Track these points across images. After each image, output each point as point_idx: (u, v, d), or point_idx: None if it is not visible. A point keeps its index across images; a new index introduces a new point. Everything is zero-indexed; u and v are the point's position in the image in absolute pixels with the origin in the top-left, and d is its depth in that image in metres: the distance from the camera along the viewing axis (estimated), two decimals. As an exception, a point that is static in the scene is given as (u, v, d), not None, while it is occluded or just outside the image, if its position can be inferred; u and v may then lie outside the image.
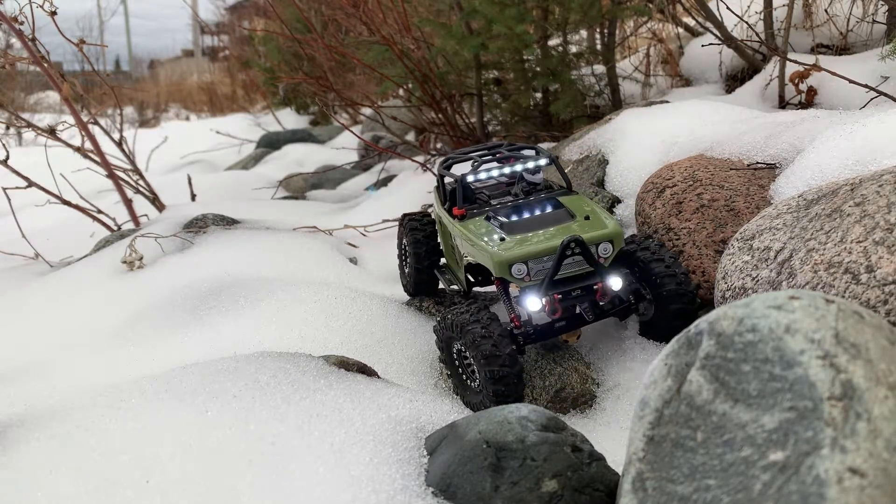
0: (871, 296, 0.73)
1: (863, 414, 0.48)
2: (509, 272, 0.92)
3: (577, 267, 0.94)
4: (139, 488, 0.67)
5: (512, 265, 0.92)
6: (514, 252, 0.92)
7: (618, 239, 0.96)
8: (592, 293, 0.94)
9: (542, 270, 0.93)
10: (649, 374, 0.63)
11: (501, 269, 0.92)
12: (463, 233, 1.01)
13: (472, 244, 0.99)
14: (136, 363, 1.14)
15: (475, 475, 0.65)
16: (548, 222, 0.99)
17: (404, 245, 1.31)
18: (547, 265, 0.92)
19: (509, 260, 0.92)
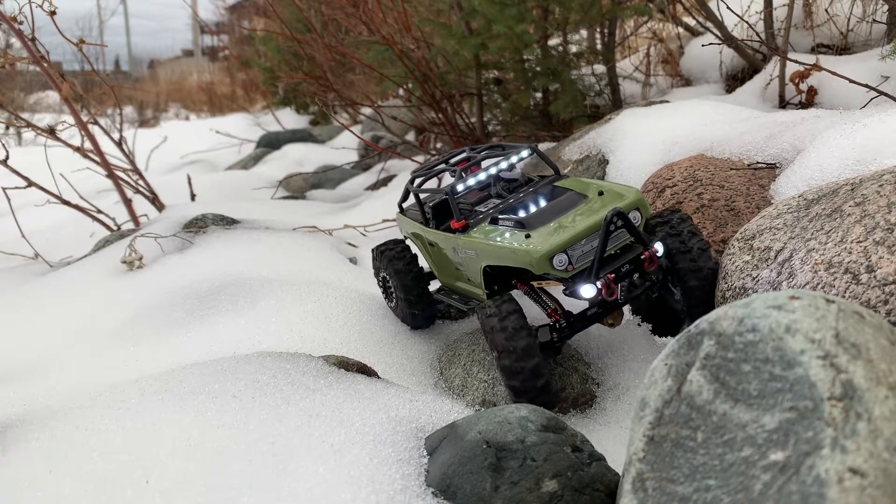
0: (872, 296, 0.73)
1: (863, 414, 0.48)
2: (551, 265, 0.85)
3: (612, 244, 0.89)
4: (139, 488, 0.67)
5: (553, 257, 0.85)
6: (551, 242, 0.85)
7: (643, 205, 0.91)
8: (640, 263, 0.89)
9: (582, 256, 0.87)
10: (649, 374, 0.63)
11: (542, 265, 0.85)
12: (475, 242, 0.94)
13: (492, 248, 0.92)
14: (135, 363, 1.14)
15: (475, 475, 0.65)
16: (564, 207, 0.93)
17: (385, 278, 1.22)
18: (586, 250, 0.87)
19: (549, 252, 0.85)
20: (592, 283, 0.85)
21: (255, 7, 7.48)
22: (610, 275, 0.86)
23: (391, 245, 1.20)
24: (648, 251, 0.88)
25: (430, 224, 1.08)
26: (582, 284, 0.85)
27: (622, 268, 0.87)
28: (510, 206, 0.99)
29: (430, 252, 1.12)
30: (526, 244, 0.87)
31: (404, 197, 1.19)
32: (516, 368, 0.85)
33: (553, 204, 0.95)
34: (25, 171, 1.97)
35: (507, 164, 1.04)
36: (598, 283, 0.85)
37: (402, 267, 1.16)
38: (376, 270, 1.24)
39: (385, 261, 1.19)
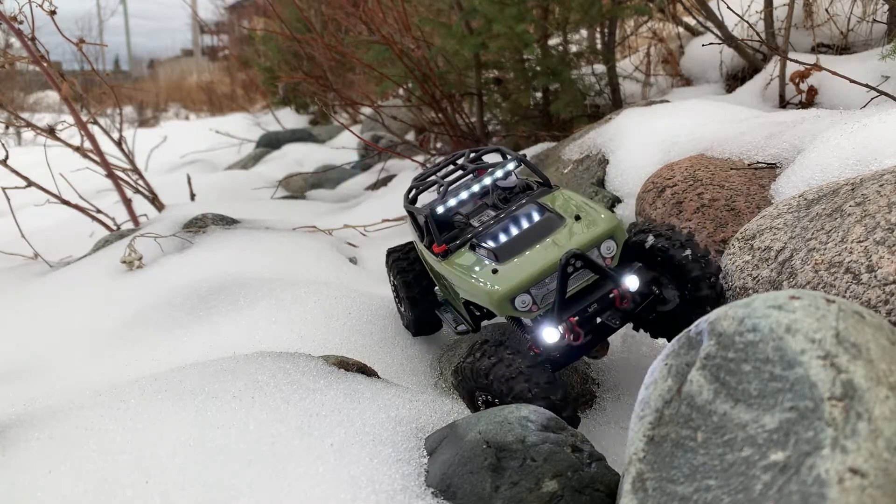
0: (872, 296, 0.73)
1: (863, 414, 0.48)
2: (513, 307, 0.80)
3: (585, 278, 0.83)
4: (138, 488, 0.67)
5: (514, 299, 0.80)
6: (511, 283, 0.80)
7: (619, 232, 0.85)
8: (610, 302, 0.83)
9: (548, 294, 0.82)
10: (650, 375, 0.63)
11: (503, 308, 0.81)
12: (451, 272, 0.89)
13: (465, 283, 0.87)
14: (135, 363, 1.14)
15: (475, 475, 0.65)
16: (538, 234, 0.87)
17: (393, 283, 1.19)
18: (552, 286, 0.81)
19: (508, 294, 0.80)
20: (554, 327, 0.80)
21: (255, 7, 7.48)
22: (573, 318, 0.81)
23: (402, 251, 1.17)
24: (618, 289, 0.82)
25: (423, 240, 1.02)
26: (543, 327, 0.80)
27: (588, 307, 0.82)
28: (493, 227, 0.92)
29: (428, 266, 1.06)
30: (490, 283, 0.82)
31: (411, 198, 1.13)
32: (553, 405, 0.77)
33: (531, 229, 0.89)
34: (25, 171, 1.97)
35: (491, 180, 0.98)
36: (559, 328, 0.80)
37: (404, 266, 1.13)
38: (390, 277, 1.22)
39: (391, 262, 1.17)
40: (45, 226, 2.36)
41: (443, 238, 0.94)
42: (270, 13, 4.60)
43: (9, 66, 2.12)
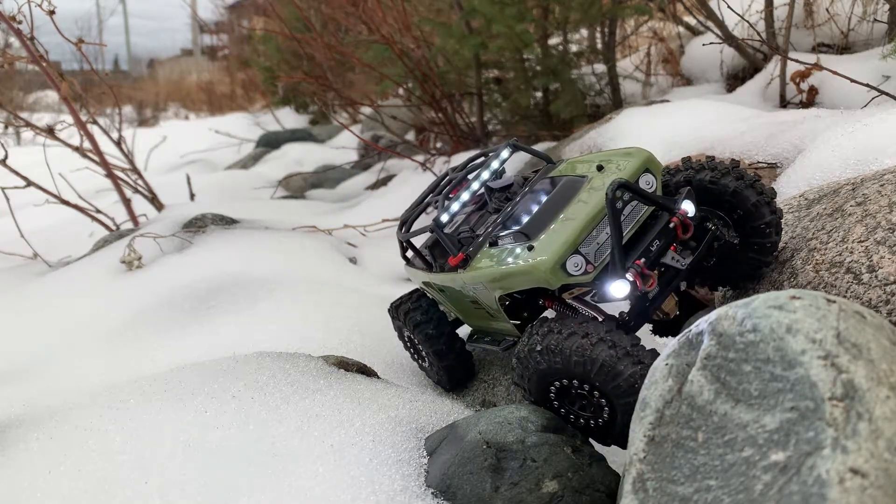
0: (873, 296, 0.73)
1: (864, 414, 0.48)
2: (567, 274, 0.69)
3: (635, 220, 0.73)
4: (138, 488, 0.67)
5: (565, 264, 0.69)
6: (556, 248, 0.70)
7: (654, 164, 0.75)
8: (672, 234, 0.72)
9: (601, 248, 0.71)
10: (650, 375, 0.62)
11: (556, 277, 0.69)
12: (479, 275, 0.78)
13: (500, 275, 0.75)
14: (134, 363, 1.14)
15: (475, 476, 0.65)
16: (564, 199, 0.76)
17: (410, 338, 1.04)
18: (602, 240, 0.71)
19: (558, 260, 0.69)
20: (622, 279, 0.68)
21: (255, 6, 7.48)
22: (639, 261, 0.69)
23: (404, 299, 1.04)
24: (676, 216, 0.71)
25: (433, 268, 0.92)
26: (609, 282, 0.69)
27: (651, 247, 0.70)
28: (508, 217, 0.83)
29: (447, 297, 0.95)
30: (533, 258, 0.71)
31: (403, 249, 1.03)
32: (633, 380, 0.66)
33: (551, 200, 0.79)
34: (24, 171, 1.97)
35: (490, 173, 0.89)
36: (628, 276, 0.68)
37: (419, 317, 0.99)
38: (399, 331, 1.08)
39: (402, 316, 1.02)
40: (44, 226, 2.36)
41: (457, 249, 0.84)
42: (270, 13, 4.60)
43: (8, 65, 2.12)
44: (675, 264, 0.75)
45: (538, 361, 0.72)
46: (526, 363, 0.73)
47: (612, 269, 0.70)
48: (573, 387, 0.71)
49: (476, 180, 0.90)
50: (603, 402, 0.70)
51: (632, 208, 0.74)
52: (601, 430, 0.73)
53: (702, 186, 0.79)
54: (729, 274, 0.84)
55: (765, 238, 0.80)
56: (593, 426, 0.73)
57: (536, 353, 0.71)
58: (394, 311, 1.06)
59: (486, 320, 0.92)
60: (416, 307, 1.01)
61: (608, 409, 0.70)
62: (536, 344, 0.71)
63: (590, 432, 0.74)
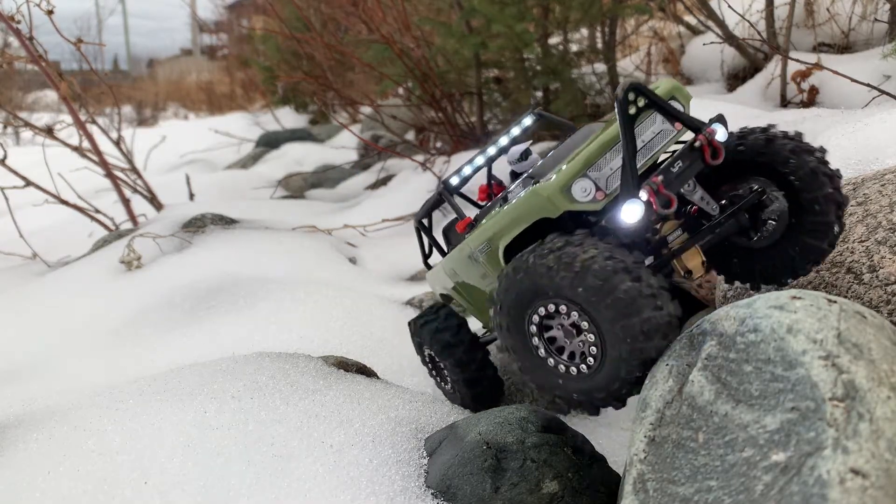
0: (874, 296, 0.73)
1: (865, 415, 0.48)
2: (571, 199, 0.61)
3: (657, 147, 0.64)
4: (138, 489, 0.67)
5: (570, 187, 0.61)
6: (561, 173, 0.62)
7: (681, 93, 0.67)
8: (698, 155, 0.61)
9: (614, 175, 0.63)
10: (650, 375, 0.62)
11: (559, 201, 0.60)
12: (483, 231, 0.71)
13: (504, 220, 0.66)
14: (134, 363, 1.14)
15: (475, 476, 0.65)
16: (577, 143, 0.69)
17: (430, 356, 0.96)
18: (615, 165, 0.62)
19: (564, 182, 0.61)
20: (635, 199, 0.59)
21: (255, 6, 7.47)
22: (656, 178, 0.60)
23: (431, 314, 0.94)
24: (703, 133, 0.62)
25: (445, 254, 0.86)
26: (621, 204, 0.60)
27: (672, 167, 0.61)
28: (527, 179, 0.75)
29: (465, 295, 0.87)
30: (534, 189, 0.63)
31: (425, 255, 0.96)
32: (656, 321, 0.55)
33: (566, 143, 0.71)
34: (24, 171, 1.96)
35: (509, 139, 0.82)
36: (642, 195, 0.59)
37: (450, 339, 0.89)
38: (418, 346, 0.99)
39: (427, 334, 0.92)
40: (43, 226, 2.36)
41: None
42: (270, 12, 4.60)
43: (7, 65, 2.12)
44: (706, 206, 0.65)
45: (520, 279, 0.60)
46: (506, 283, 0.62)
47: (623, 189, 0.60)
48: (557, 315, 0.60)
49: (493, 145, 0.83)
50: (591, 338, 0.58)
51: (654, 134, 0.65)
52: (585, 383, 0.60)
53: (754, 151, 0.68)
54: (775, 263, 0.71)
55: (821, 216, 0.66)
56: (576, 374, 0.60)
57: (520, 269, 0.60)
58: (413, 326, 0.97)
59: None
60: (435, 318, 0.93)
61: (596, 348, 0.59)
62: (550, 253, 0.59)
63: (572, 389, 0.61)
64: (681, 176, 0.62)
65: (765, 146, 0.69)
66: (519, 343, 0.64)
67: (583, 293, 0.57)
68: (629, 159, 0.60)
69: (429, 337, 0.92)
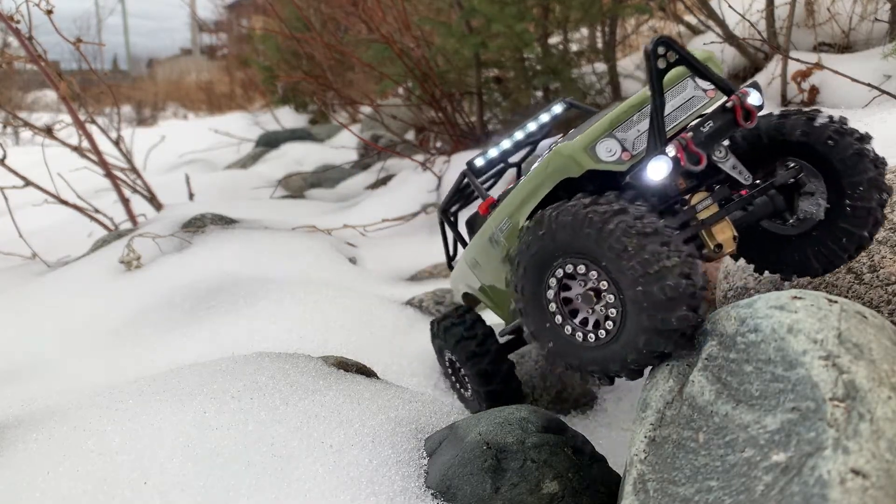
0: (875, 296, 0.73)
1: (865, 415, 0.48)
2: (596, 158, 0.59)
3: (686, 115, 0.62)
4: (137, 489, 0.67)
5: (595, 146, 0.59)
6: (586, 134, 0.61)
7: (714, 62, 0.63)
8: (730, 119, 0.59)
9: (642, 136, 0.61)
10: (650, 375, 0.62)
11: (583, 159, 0.59)
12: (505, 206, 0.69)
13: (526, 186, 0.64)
14: (134, 363, 1.14)
15: (475, 477, 0.65)
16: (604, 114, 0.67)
17: (451, 360, 0.93)
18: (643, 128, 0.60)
19: (588, 140, 0.60)
20: (661, 155, 0.56)
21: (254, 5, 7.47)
22: (685, 133, 0.58)
23: (456, 316, 0.91)
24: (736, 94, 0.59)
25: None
26: (647, 160, 0.57)
27: (702, 126, 0.58)
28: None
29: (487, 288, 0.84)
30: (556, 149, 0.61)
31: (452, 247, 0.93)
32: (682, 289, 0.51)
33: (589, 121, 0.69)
34: (23, 171, 1.96)
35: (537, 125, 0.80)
36: (669, 150, 0.56)
37: (475, 348, 0.87)
38: (439, 352, 0.96)
39: (451, 339, 0.90)
40: (43, 226, 2.36)
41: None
42: (269, 12, 4.60)
43: (7, 65, 2.12)
44: (738, 175, 0.62)
45: (541, 235, 0.58)
46: (527, 239, 0.60)
47: (650, 145, 0.57)
48: (576, 277, 0.57)
49: (521, 129, 0.81)
50: (611, 299, 0.55)
51: (683, 101, 0.62)
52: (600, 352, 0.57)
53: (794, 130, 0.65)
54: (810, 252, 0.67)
55: (863, 201, 0.63)
56: (592, 343, 0.58)
57: (542, 225, 0.58)
58: (435, 328, 0.94)
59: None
60: (460, 322, 0.89)
61: (615, 312, 0.55)
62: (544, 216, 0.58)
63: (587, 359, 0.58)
64: (711, 136, 0.59)
65: (805, 125, 0.65)
66: (534, 306, 0.61)
67: (608, 252, 0.54)
68: (657, 114, 0.57)
69: (453, 342, 0.89)
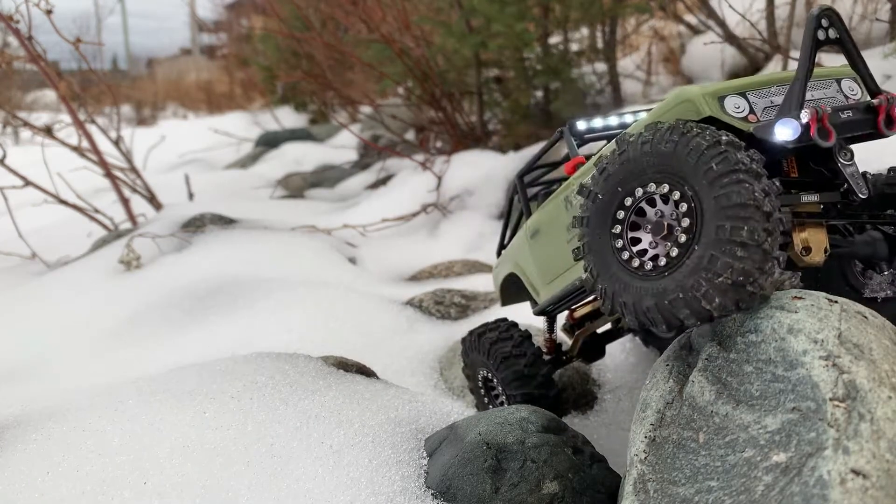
0: (874, 296, 0.73)
1: (866, 415, 0.48)
2: (722, 109, 0.57)
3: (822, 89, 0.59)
4: (137, 489, 0.67)
5: (725, 97, 0.57)
6: (718, 84, 0.59)
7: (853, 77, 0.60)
8: (871, 117, 0.57)
9: (771, 109, 0.58)
10: (651, 376, 0.62)
11: (711, 102, 0.57)
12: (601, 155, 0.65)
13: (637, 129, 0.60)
14: (133, 364, 1.14)
15: (475, 477, 0.65)
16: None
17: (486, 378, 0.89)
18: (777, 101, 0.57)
19: (719, 89, 0.58)
20: (795, 117, 0.53)
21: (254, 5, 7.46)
22: (824, 106, 0.55)
23: (490, 327, 0.87)
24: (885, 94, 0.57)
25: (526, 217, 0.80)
26: (778, 119, 0.55)
27: (842, 112, 0.57)
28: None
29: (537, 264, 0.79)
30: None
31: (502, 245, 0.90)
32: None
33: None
34: (23, 171, 1.96)
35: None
36: (803, 115, 0.53)
37: (509, 350, 0.83)
38: (471, 369, 0.91)
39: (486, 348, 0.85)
40: (42, 225, 2.36)
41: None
42: (269, 11, 4.60)
43: (6, 64, 2.11)
44: (856, 186, 0.58)
45: (624, 156, 0.57)
46: (607, 163, 0.58)
47: (784, 106, 0.55)
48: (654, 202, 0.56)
49: (631, 113, 0.79)
50: (684, 208, 0.53)
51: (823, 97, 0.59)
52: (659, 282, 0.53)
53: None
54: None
55: None
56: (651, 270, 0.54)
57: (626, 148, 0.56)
58: (473, 342, 0.88)
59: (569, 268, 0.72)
60: (507, 337, 0.84)
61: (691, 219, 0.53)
62: (630, 135, 0.57)
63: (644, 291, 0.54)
64: (846, 125, 0.57)
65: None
66: (599, 238, 0.59)
67: (704, 177, 0.52)
68: (802, 81, 0.54)
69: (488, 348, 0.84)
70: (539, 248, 0.80)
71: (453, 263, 1.64)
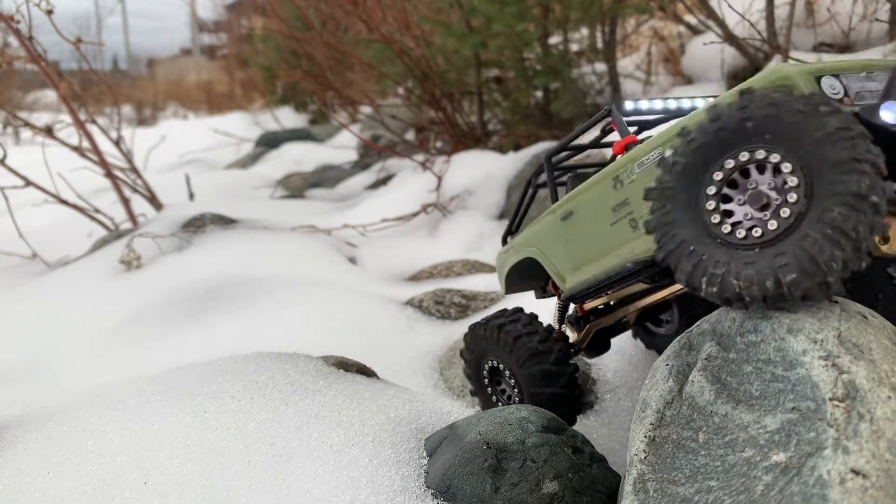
0: (874, 295, 0.73)
1: (865, 415, 0.48)
2: (819, 86, 0.57)
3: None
4: (137, 489, 0.67)
5: (821, 77, 0.57)
6: (813, 64, 0.59)
7: None
8: None
9: (864, 93, 0.59)
10: (650, 375, 0.62)
11: (808, 79, 0.56)
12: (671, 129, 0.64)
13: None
14: (133, 364, 1.14)
15: (475, 476, 0.65)
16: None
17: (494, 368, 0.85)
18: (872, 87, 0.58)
19: (817, 69, 0.57)
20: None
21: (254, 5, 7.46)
22: None
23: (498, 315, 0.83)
24: None
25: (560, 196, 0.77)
26: (882, 102, 0.54)
27: None
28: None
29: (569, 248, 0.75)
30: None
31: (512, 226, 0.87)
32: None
33: None
34: (23, 171, 1.96)
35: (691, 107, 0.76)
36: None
37: (535, 346, 0.78)
38: (476, 358, 0.87)
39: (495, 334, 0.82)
40: (43, 225, 2.36)
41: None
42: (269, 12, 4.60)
43: (6, 65, 2.11)
44: None
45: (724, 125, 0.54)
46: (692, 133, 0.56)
47: (888, 91, 0.55)
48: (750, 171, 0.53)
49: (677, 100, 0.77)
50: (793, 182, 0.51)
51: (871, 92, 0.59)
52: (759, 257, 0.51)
53: None
54: None
55: None
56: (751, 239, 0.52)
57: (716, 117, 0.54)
58: (480, 331, 0.84)
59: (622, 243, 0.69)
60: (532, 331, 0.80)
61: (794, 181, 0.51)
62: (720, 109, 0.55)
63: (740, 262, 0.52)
64: None
65: None
66: (683, 210, 0.56)
67: (811, 142, 0.50)
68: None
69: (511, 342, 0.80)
70: (573, 230, 0.76)
71: (453, 263, 1.65)
